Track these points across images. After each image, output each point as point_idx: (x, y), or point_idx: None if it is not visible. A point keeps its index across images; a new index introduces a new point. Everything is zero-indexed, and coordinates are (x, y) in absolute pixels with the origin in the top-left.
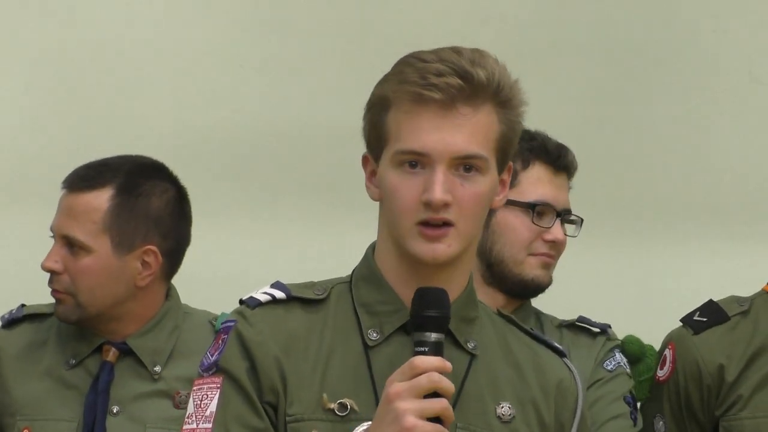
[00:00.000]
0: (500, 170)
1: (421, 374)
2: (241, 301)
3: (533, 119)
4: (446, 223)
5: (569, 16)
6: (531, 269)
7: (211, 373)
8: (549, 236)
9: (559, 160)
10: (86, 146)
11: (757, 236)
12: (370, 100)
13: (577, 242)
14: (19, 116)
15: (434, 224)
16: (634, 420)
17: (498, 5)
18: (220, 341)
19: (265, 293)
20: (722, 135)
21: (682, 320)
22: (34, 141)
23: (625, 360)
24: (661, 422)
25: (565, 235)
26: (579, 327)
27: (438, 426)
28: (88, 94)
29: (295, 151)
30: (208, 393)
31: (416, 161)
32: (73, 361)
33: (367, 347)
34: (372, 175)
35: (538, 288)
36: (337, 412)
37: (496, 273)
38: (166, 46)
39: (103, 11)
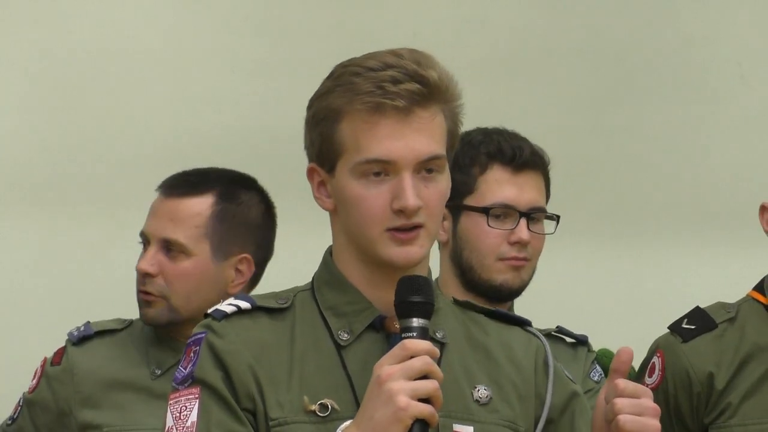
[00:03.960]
0: (449, 165)
1: (412, 357)
2: (206, 315)
3: (526, 124)
4: (416, 226)
5: (562, 22)
6: (499, 274)
7: (186, 385)
8: (513, 237)
9: (515, 159)
10: (82, 151)
11: (745, 241)
12: (314, 113)
13: (566, 248)
14: (17, 121)
15: (405, 228)
16: None
17: (491, 11)
18: (191, 354)
19: (230, 305)
20: (714, 139)
21: (670, 327)
22: (30, 145)
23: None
24: None
25: (539, 233)
26: (557, 337)
27: (429, 406)
28: (83, 99)
29: (291, 155)
30: (187, 404)
31: (381, 170)
32: (158, 372)
33: (339, 347)
34: (320, 185)
35: (511, 291)
36: (318, 413)
37: (468, 280)
38: (161, 51)
39: (98, 16)
